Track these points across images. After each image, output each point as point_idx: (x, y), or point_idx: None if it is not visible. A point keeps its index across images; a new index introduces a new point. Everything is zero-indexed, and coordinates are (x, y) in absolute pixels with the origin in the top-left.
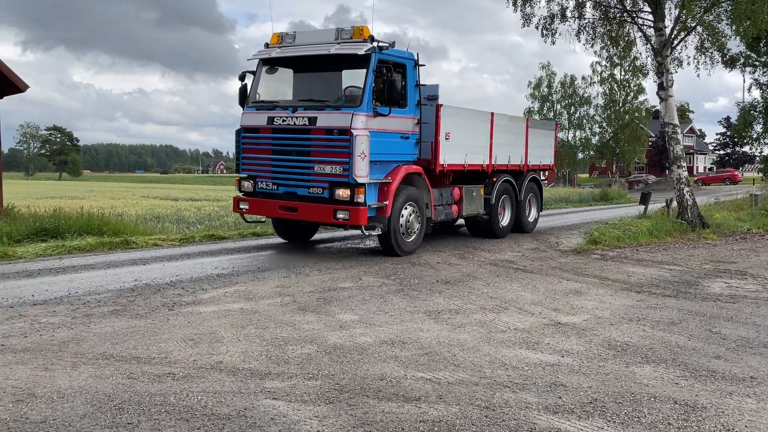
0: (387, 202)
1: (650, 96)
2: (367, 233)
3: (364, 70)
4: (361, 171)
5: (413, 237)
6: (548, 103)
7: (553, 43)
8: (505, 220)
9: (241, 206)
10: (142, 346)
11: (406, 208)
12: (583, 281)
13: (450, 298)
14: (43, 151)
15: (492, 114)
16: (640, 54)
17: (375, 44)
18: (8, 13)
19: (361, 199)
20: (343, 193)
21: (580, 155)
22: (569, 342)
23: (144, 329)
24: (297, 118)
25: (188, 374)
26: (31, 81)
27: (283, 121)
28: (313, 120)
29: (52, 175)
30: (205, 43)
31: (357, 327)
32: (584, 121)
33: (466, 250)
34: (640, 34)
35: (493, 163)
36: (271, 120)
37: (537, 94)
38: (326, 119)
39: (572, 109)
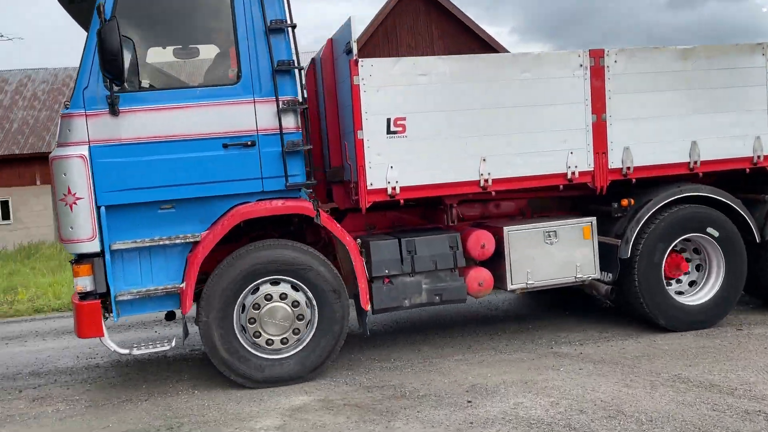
0: (182, 285)
1: None
2: (124, 352)
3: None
4: (73, 229)
5: (289, 352)
6: None
7: None
8: (704, 291)
9: None
10: (717, 372)
11: (248, 298)
12: None
13: None
14: None
15: (597, 54)
16: None
17: None
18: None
19: (83, 284)
20: (74, 273)
21: None
22: None
23: (714, 351)
24: None
25: None
26: None
27: None
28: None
29: None
30: (722, 15)
31: None
32: None
33: None
34: None
35: (625, 165)
36: None
37: None
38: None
39: None
